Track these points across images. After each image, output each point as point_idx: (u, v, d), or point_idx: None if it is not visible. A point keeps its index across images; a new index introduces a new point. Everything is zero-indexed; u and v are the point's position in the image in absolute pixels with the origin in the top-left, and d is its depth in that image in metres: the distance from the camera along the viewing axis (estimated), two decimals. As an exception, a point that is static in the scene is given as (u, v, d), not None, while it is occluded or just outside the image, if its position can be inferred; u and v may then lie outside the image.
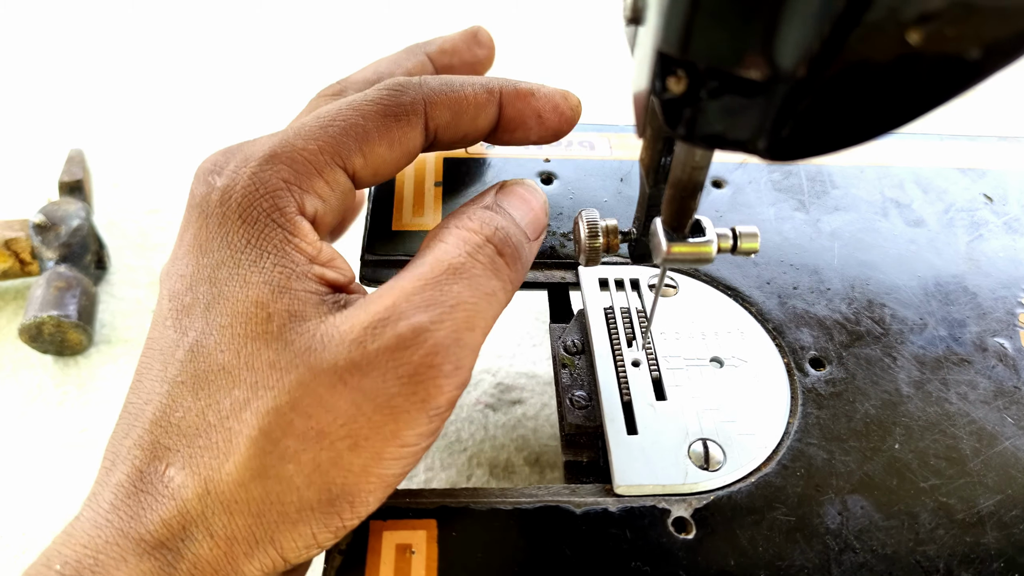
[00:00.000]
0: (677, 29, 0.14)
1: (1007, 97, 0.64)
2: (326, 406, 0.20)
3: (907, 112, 0.14)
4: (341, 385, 0.20)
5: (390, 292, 0.21)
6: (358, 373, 0.20)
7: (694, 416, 0.27)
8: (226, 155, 0.24)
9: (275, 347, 0.20)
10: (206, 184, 0.23)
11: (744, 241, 0.23)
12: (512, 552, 0.23)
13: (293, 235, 0.22)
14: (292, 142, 0.23)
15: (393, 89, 0.25)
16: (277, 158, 0.23)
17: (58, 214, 0.45)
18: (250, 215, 0.22)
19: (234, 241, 0.22)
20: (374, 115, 0.24)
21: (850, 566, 0.23)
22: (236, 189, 0.22)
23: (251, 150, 0.23)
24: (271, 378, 0.20)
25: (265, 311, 0.21)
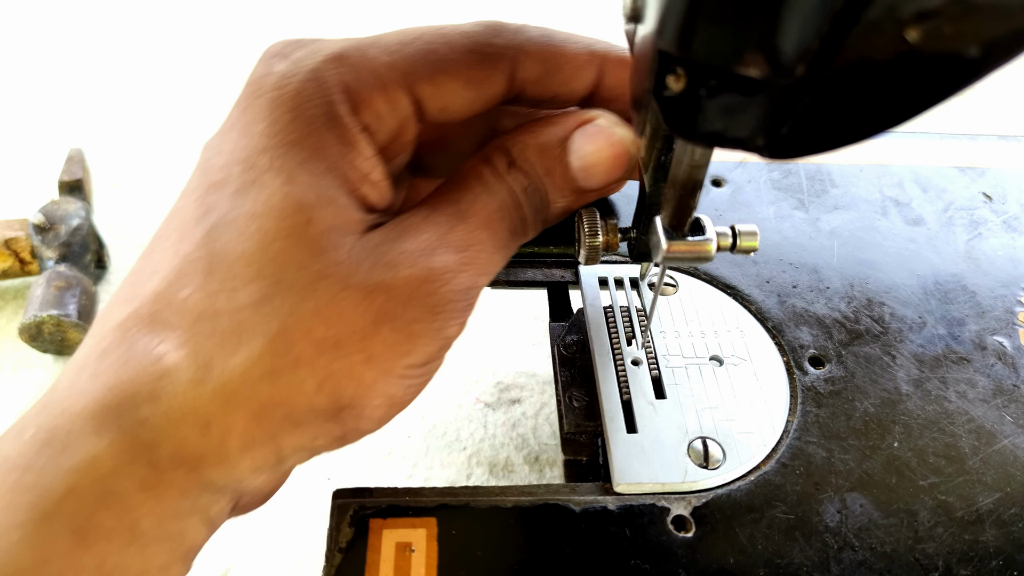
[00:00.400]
0: (677, 27, 0.14)
1: (1006, 96, 0.64)
2: (347, 319, 0.20)
3: (906, 110, 0.14)
4: (367, 302, 0.20)
5: (427, 225, 0.22)
6: (384, 294, 0.20)
7: (693, 414, 0.27)
8: (296, 44, 0.22)
9: (309, 252, 0.20)
10: (266, 66, 0.22)
11: (743, 239, 0.23)
12: (511, 550, 0.23)
13: (350, 147, 0.21)
14: (364, 49, 0.22)
15: (488, 27, 0.24)
16: (344, 60, 0.21)
17: (58, 214, 0.45)
18: (304, 110, 0.21)
19: (283, 132, 0.21)
20: (460, 47, 0.23)
21: (849, 564, 0.23)
22: (295, 78, 0.21)
23: (321, 45, 0.22)
24: (299, 280, 0.20)
25: (306, 215, 0.20)
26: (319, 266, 0.20)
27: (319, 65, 0.21)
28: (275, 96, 0.21)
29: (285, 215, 0.20)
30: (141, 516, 0.18)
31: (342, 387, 0.20)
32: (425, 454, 0.39)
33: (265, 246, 0.20)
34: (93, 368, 0.19)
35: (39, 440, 0.18)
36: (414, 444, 0.39)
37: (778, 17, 0.13)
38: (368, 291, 0.20)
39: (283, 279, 0.19)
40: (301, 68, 0.21)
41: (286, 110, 0.21)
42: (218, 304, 0.19)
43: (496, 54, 0.23)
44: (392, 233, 0.21)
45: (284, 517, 0.35)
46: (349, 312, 0.20)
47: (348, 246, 0.20)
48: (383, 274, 0.20)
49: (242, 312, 0.19)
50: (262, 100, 0.21)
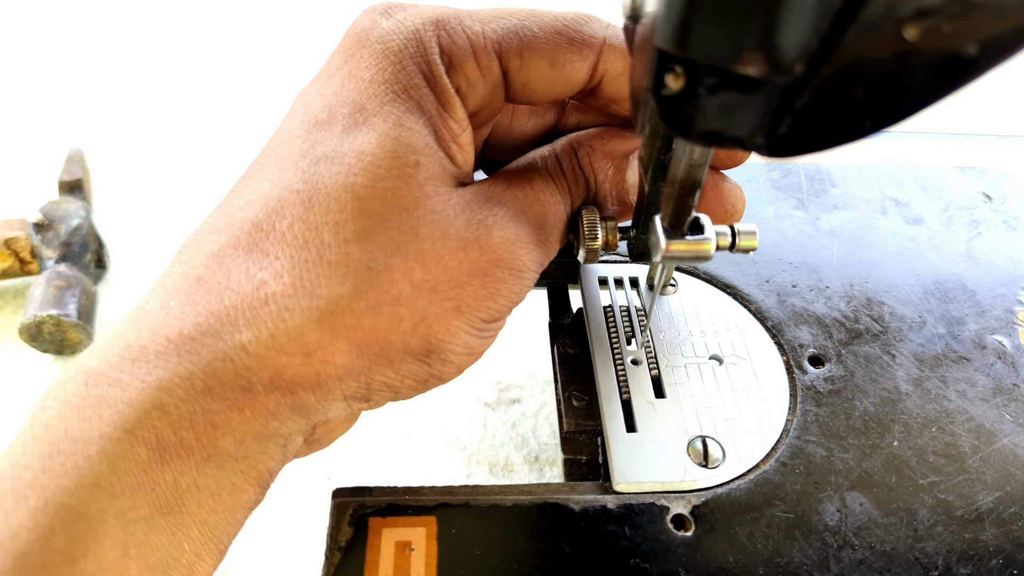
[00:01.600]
0: (675, 26, 0.14)
1: (1006, 96, 0.64)
2: (445, 267, 0.21)
3: (905, 108, 0.14)
4: (462, 254, 0.21)
5: (510, 197, 0.23)
6: (478, 250, 0.21)
7: (693, 414, 0.27)
8: (398, 6, 0.23)
9: (415, 195, 0.20)
10: (371, 20, 0.22)
11: (743, 239, 0.23)
12: (511, 549, 0.24)
13: (446, 106, 0.22)
14: (461, 17, 0.23)
15: (579, 15, 0.24)
16: (443, 24, 0.22)
17: (58, 213, 0.45)
18: (407, 65, 0.21)
19: (390, 81, 0.21)
20: (550, 28, 0.24)
21: (849, 563, 0.23)
22: (400, 35, 0.22)
23: (421, 9, 0.23)
24: (405, 222, 0.20)
25: (414, 157, 0.21)
26: (423, 211, 0.20)
27: (421, 26, 0.22)
28: (381, 48, 0.21)
29: (396, 155, 0.20)
30: (224, 434, 0.19)
31: (433, 331, 0.21)
32: (425, 453, 0.39)
33: (375, 182, 0.20)
34: (188, 294, 0.19)
35: (127, 357, 0.19)
36: (414, 444, 0.39)
37: (776, 16, 0.13)
38: (464, 244, 0.21)
39: (390, 218, 0.20)
40: (405, 26, 0.22)
41: (392, 62, 0.21)
42: (323, 236, 0.20)
43: (584, 41, 0.24)
44: (481, 195, 0.22)
45: (284, 517, 0.35)
46: (447, 260, 0.21)
47: (447, 197, 0.21)
48: (478, 231, 0.22)
49: (348, 245, 0.20)
50: (368, 50, 0.22)
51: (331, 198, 0.20)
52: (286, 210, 0.20)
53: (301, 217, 0.20)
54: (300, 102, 0.22)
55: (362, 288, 0.19)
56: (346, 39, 0.22)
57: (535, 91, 0.24)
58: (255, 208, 0.20)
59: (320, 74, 0.23)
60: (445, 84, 0.22)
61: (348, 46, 0.22)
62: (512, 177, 0.24)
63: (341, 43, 0.23)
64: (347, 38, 0.22)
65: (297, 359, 0.19)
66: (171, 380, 0.18)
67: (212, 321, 0.19)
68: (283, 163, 0.21)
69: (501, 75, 0.23)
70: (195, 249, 0.20)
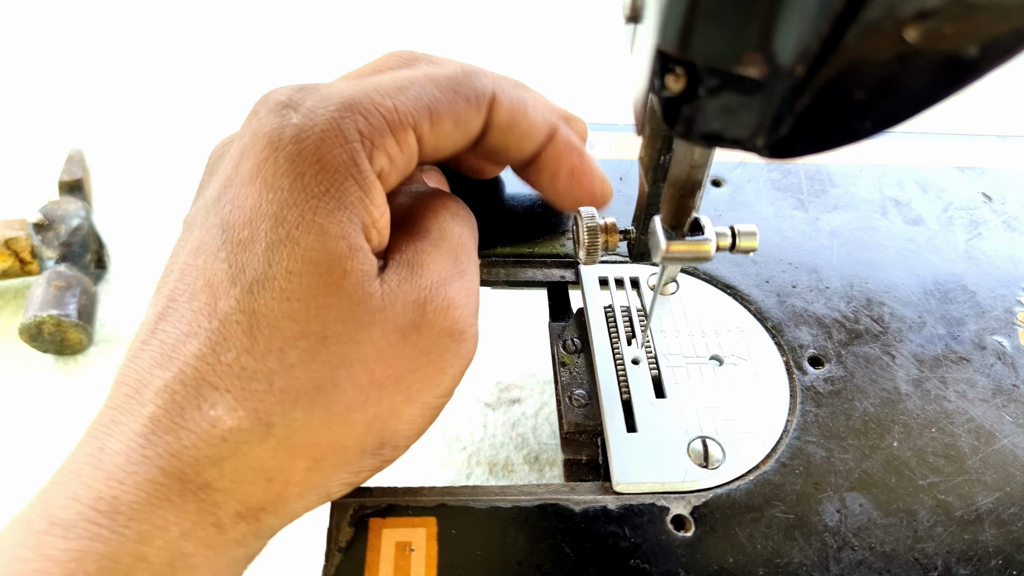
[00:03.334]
0: (676, 27, 0.14)
1: (1006, 96, 0.64)
2: (388, 361, 0.21)
3: (905, 110, 0.14)
4: (403, 343, 0.21)
5: (432, 259, 0.23)
6: (417, 332, 0.22)
7: (693, 414, 0.27)
8: (301, 92, 0.23)
9: (349, 304, 0.21)
10: (279, 116, 0.22)
11: (743, 239, 0.23)
12: (511, 550, 0.24)
13: (368, 192, 0.22)
14: (370, 95, 0.22)
15: (469, 71, 0.25)
16: (356, 107, 0.22)
17: (58, 213, 0.45)
18: (328, 162, 0.21)
19: (310, 185, 0.21)
20: (447, 89, 0.24)
21: (848, 563, 0.24)
22: (314, 130, 0.21)
23: (328, 92, 0.22)
24: (344, 333, 0.20)
25: (341, 266, 0.21)
26: (360, 316, 0.21)
27: (335, 115, 0.21)
28: (297, 149, 0.21)
29: (323, 270, 0.20)
30: (199, 569, 0.19)
31: (387, 425, 0.22)
32: (425, 454, 0.39)
33: (308, 303, 0.20)
34: (146, 436, 0.19)
35: (102, 510, 0.18)
36: (414, 444, 0.39)
37: (777, 17, 0.13)
38: (403, 332, 0.21)
39: (329, 334, 0.20)
40: (318, 119, 0.21)
41: (311, 163, 0.21)
42: (269, 364, 0.20)
43: (478, 97, 0.25)
44: (404, 271, 0.23)
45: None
46: (390, 355, 0.21)
47: (378, 291, 0.21)
48: (413, 313, 0.22)
49: (295, 370, 0.20)
50: (283, 154, 0.21)
51: (271, 326, 0.20)
52: (229, 342, 0.20)
53: (246, 348, 0.20)
54: (216, 216, 0.22)
55: (313, 408, 0.20)
56: (255, 140, 0.22)
57: (442, 151, 0.25)
58: (198, 342, 0.20)
59: (230, 179, 0.22)
60: (367, 172, 0.22)
61: (261, 149, 0.21)
62: (420, 231, 0.24)
63: (250, 143, 0.22)
64: (256, 139, 0.22)
65: (259, 487, 0.20)
66: (148, 531, 0.18)
67: (176, 464, 0.19)
68: (215, 290, 0.21)
69: (416, 145, 0.24)
70: (140, 384, 0.20)
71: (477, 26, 0.72)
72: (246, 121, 0.23)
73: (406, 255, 0.23)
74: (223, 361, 0.20)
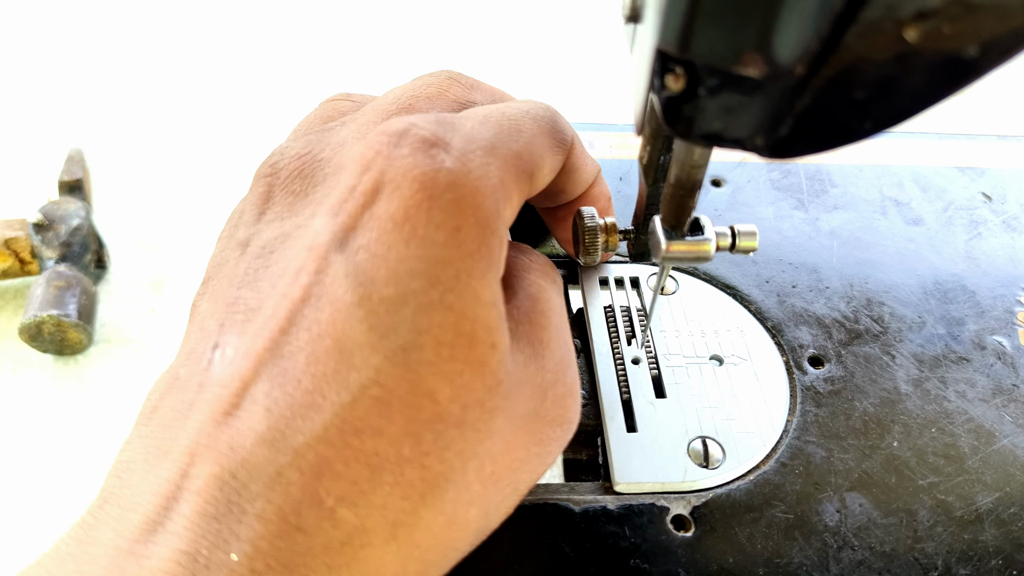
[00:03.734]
0: (676, 27, 0.14)
1: (1006, 96, 0.64)
2: (508, 452, 0.19)
3: (905, 110, 0.14)
4: (522, 433, 0.19)
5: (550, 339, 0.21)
6: (535, 421, 0.20)
7: (693, 414, 0.27)
8: (442, 126, 0.19)
9: (488, 383, 0.18)
10: (428, 156, 0.18)
11: (743, 239, 0.23)
12: (511, 550, 0.23)
13: (502, 248, 0.19)
14: (504, 140, 0.20)
15: (554, 113, 0.23)
16: (496, 152, 0.20)
17: (58, 213, 0.45)
18: (481, 215, 0.18)
19: (465, 241, 0.18)
20: (547, 134, 0.22)
21: (848, 563, 0.24)
22: (470, 177, 0.18)
23: (470, 132, 0.20)
24: (480, 419, 0.18)
25: (490, 339, 0.18)
26: (493, 400, 0.18)
27: (485, 160, 0.19)
28: (454, 198, 0.18)
29: (472, 343, 0.18)
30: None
31: (491, 518, 0.20)
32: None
33: (451, 380, 0.17)
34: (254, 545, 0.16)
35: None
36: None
37: (777, 17, 0.13)
38: (524, 421, 0.19)
39: (467, 419, 0.18)
40: (472, 165, 0.19)
41: (468, 215, 0.18)
42: (402, 451, 0.17)
43: (565, 140, 0.23)
44: (527, 349, 0.20)
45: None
46: (512, 445, 0.19)
47: (509, 372, 0.19)
48: (535, 400, 0.20)
49: (428, 459, 0.17)
50: (439, 203, 0.18)
51: (410, 405, 0.17)
52: (362, 422, 0.17)
53: (379, 430, 0.17)
54: (346, 260, 0.18)
55: (441, 505, 0.18)
56: (400, 179, 0.18)
57: (537, 190, 0.23)
58: (321, 419, 0.16)
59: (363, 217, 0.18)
60: (505, 225, 0.20)
61: (410, 192, 0.18)
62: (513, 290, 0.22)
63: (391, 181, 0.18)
64: (403, 178, 0.18)
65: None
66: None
67: (297, 560, 0.16)
68: (348, 355, 0.17)
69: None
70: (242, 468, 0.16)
71: (477, 26, 0.72)
72: (371, 148, 0.19)
73: (523, 328, 0.21)
74: (352, 445, 0.17)
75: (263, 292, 0.18)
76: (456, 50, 0.68)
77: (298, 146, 0.22)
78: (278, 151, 0.22)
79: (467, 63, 0.65)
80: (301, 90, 0.64)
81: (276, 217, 0.20)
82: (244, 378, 0.17)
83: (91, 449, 0.39)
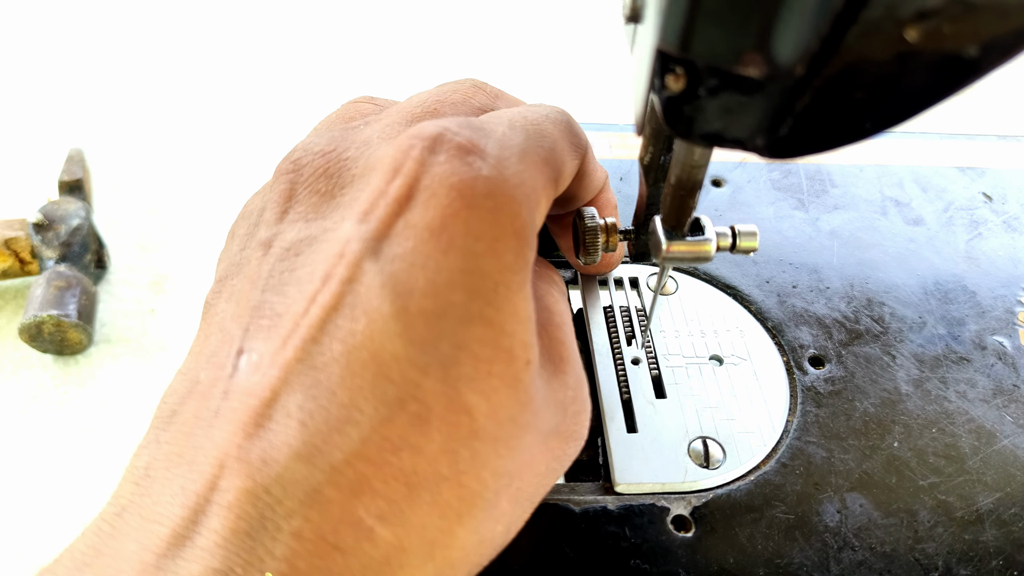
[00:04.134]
0: (676, 27, 0.14)
1: (1006, 96, 0.64)
2: (533, 469, 0.19)
3: (905, 110, 0.14)
4: (547, 450, 0.19)
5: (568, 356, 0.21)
6: (559, 439, 0.20)
7: (694, 414, 0.27)
8: (476, 131, 0.19)
9: (520, 400, 0.18)
10: (465, 163, 0.18)
11: (743, 240, 0.23)
12: (511, 550, 0.23)
13: (533, 258, 0.19)
14: (533, 147, 0.20)
15: (569, 118, 0.23)
16: (528, 159, 0.19)
17: (58, 213, 0.45)
18: (518, 226, 0.18)
19: (503, 252, 0.17)
20: (567, 141, 0.22)
21: (849, 564, 0.23)
22: (507, 186, 0.18)
23: (503, 138, 0.19)
24: (512, 437, 0.18)
25: (526, 356, 0.18)
26: (523, 417, 0.18)
27: (519, 168, 0.19)
28: (493, 207, 0.17)
29: (509, 359, 0.17)
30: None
31: (511, 533, 0.19)
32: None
33: (488, 396, 0.17)
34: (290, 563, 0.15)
35: None
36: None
37: (777, 17, 0.13)
38: (547, 438, 0.19)
39: (501, 437, 0.17)
40: (509, 173, 0.18)
41: (506, 225, 0.18)
42: (440, 468, 0.16)
43: (581, 145, 0.23)
44: (550, 367, 0.20)
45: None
46: (537, 462, 0.19)
47: (539, 389, 0.19)
48: (559, 417, 0.20)
49: (465, 477, 0.17)
50: (477, 212, 0.17)
51: (449, 423, 0.16)
52: (401, 438, 0.16)
53: (418, 448, 0.16)
54: (380, 270, 0.17)
55: (477, 525, 0.17)
56: (436, 186, 0.17)
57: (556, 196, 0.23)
58: (359, 434, 0.16)
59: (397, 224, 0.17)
60: (534, 233, 0.19)
61: (447, 200, 0.17)
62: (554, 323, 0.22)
63: (432, 185, 0.18)
64: (439, 186, 0.17)
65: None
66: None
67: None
68: (385, 369, 0.16)
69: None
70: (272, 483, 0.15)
71: (477, 25, 0.72)
72: (402, 151, 0.18)
73: (543, 343, 0.21)
74: (390, 462, 0.16)
75: (290, 297, 0.18)
76: (457, 50, 0.68)
77: (322, 142, 0.21)
78: (300, 147, 0.21)
79: (468, 63, 0.65)
80: (301, 90, 0.64)
81: (300, 218, 0.19)
82: (274, 387, 0.16)
83: (91, 449, 0.39)
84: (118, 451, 0.39)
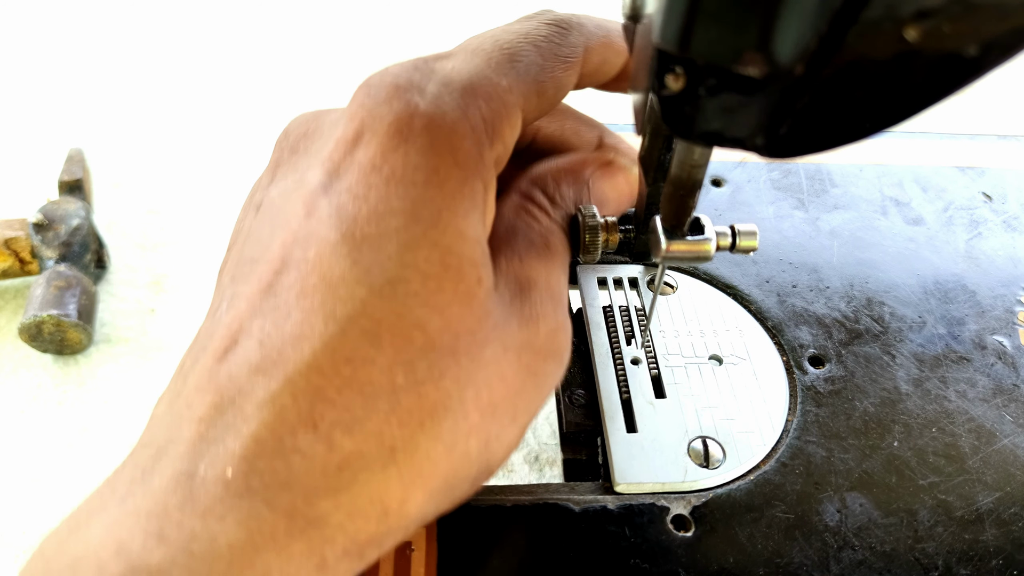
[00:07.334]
0: (676, 27, 0.14)
1: (1006, 96, 0.64)
2: (506, 382, 0.19)
3: (905, 109, 0.14)
4: (518, 362, 0.20)
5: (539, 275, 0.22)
6: (531, 352, 0.20)
7: (693, 414, 0.27)
8: (418, 71, 0.20)
9: (477, 317, 0.19)
10: (402, 101, 0.19)
11: (743, 239, 0.23)
12: (511, 550, 0.23)
13: (488, 189, 0.20)
14: (487, 75, 0.20)
15: (559, 26, 0.23)
16: (477, 92, 0.20)
17: (58, 213, 0.45)
18: (460, 156, 0.19)
19: (445, 181, 0.19)
20: (549, 54, 0.22)
21: (849, 563, 0.23)
22: (445, 119, 0.19)
23: (447, 74, 0.20)
24: (471, 347, 0.18)
25: (476, 273, 0.19)
26: (484, 331, 0.19)
27: (463, 102, 0.20)
28: (429, 140, 0.19)
29: (459, 277, 0.18)
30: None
31: (492, 450, 0.19)
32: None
33: (441, 311, 0.18)
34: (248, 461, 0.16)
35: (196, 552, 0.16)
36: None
37: (777, 16, 0.13)
38: (518, 351, 0.20)
39: (460, 348, 0.18)
40: (447, 107, 0.19)
41: (445, 156, 0.19)
42: (396, 379, 0.17)
43: (573, 54, 0.23)
44: (513, 286, 0.21)
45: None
46: (508, 374, 0.19)
47: (499, 304, 0.20)
48: (528, 332, 0.20)
49: (424, 387, 0.18)
50: (414, 145, 0.19)
51: (401, 335, 0.17)
52: (351, 351, 0.17)
53: (370, 359, 0.17)
54: (331, 202, 0.19)
55: (439, 432, 0.18)
56: (376, 124, 0.19)
57: (535, 118, 0.23)
58: (311, 347, 0.17)
59: (346, 163, 0.19)
60: (490, 166, 0.20)
61: (386, 137, 0.19)
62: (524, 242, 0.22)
63: (368, 127, 0.19)
64: (379, 123, 0.19)
65: (373, 521, 0.17)
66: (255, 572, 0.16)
67: (286, 497, 0.16)
68: (333, 290, 0.17)
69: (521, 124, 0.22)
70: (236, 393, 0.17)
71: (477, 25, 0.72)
72: (355, 101, 0.20)
73: (512, 266, 0.22)
74: (342, 373, 0.17)
75: (263, 243, 0.19)
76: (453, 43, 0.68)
77: (309, 112, 0.23)
78: (294, 119, 0.23)
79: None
80: (301, 90, 0.64)
81: (282, 176, 0.21)
82: (241, 318, 0.18)
83: (91, 449, 0.39)
84: (118, 451, 0.39)
